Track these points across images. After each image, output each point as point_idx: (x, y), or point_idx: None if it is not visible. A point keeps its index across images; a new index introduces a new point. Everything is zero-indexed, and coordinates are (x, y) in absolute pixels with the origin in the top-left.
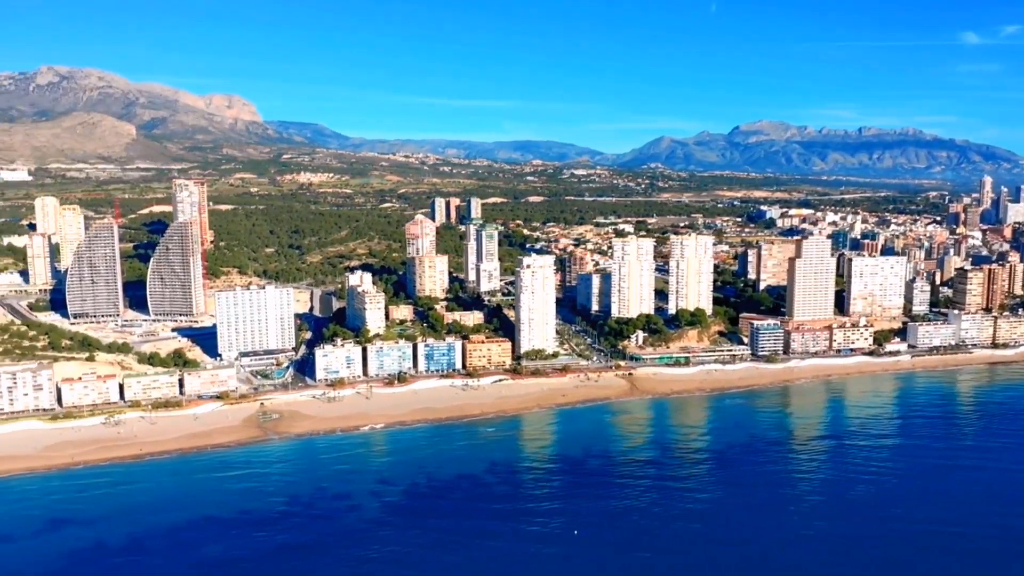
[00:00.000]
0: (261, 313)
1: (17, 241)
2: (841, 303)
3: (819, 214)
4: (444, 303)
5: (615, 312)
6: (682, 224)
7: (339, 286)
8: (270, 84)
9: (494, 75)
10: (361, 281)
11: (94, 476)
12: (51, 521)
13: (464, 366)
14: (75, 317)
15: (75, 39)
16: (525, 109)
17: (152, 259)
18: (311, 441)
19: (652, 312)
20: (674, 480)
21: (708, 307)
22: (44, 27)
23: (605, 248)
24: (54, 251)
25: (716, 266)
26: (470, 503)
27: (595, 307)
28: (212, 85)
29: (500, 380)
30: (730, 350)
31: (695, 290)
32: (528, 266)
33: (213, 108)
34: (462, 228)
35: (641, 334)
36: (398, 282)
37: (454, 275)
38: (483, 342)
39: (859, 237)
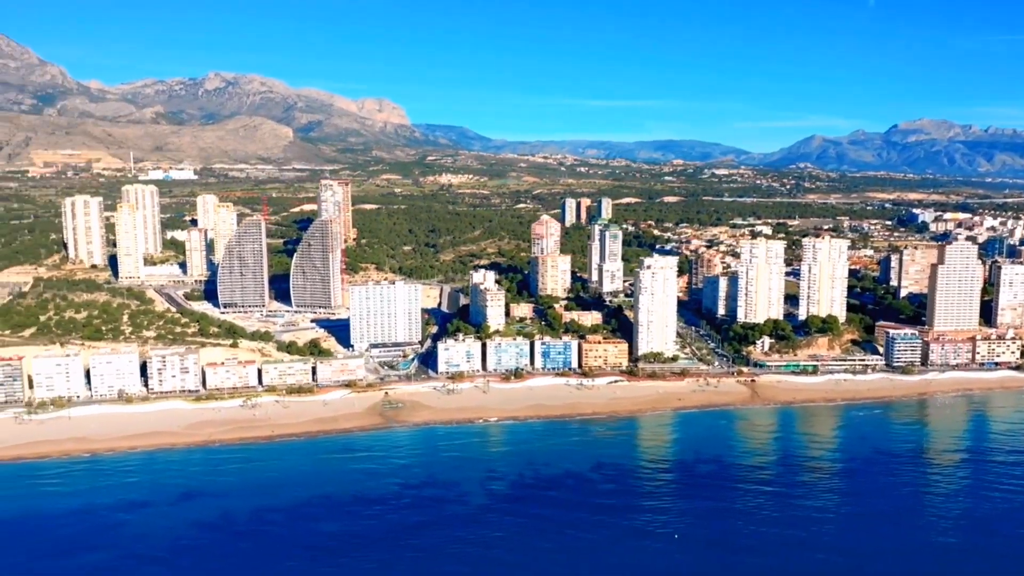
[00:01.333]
0: (391, 307)
1: (180, 235)
2: (989, 314)
3: (976, 218)
4: (564, 302)
5: (741, 316)
6: (825, 227)
7: (467, 283)
8: (419, 88)
9: (637, 75)
10: (484, 279)
11: (228, 454)
12: (186, 493)
13: (580, 365)
14: (224, 307)
15: (241, 47)
16: (668, 108)
17: (295, 254)
18: (428, 430)
19: (780, 318)
20: (787, 488)
21: (841, 314)
22: (213, 36)
23: (738, 250)
24: (210, 245)
25: (856, 271)
26: (574, 498)
27: (721, 311)
28: (365, 90)
29: (615, 381)
30: (862, 359)
31: (827, 296)
32: (648, 267)
33: (365, 112)
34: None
35: (767, 340)
36: (522, 281)
37: (578, 275)
38: (600, 342)
39: (1018, 244)
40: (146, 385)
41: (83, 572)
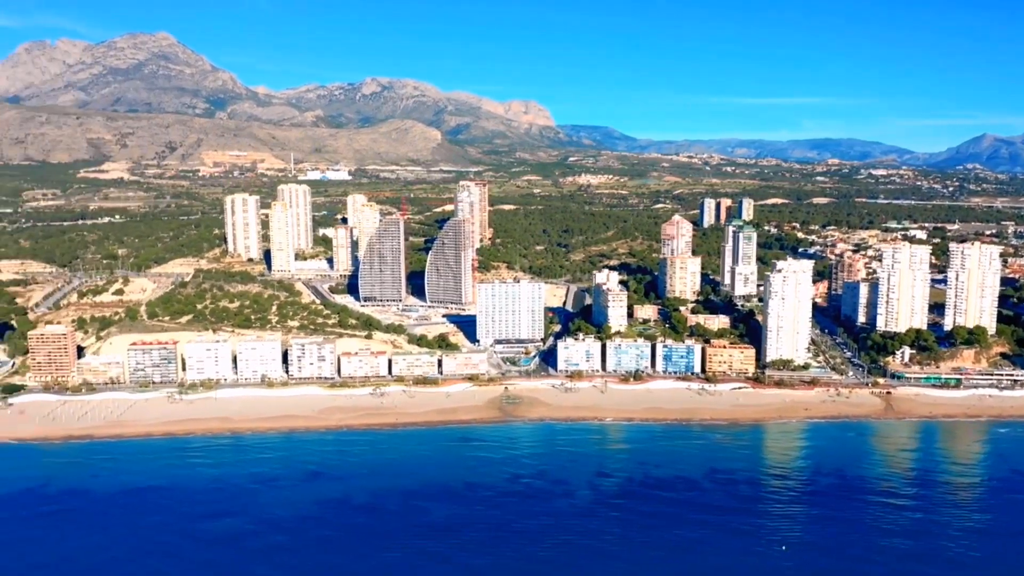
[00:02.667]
0: (515, 305)
1: (330, 233)
2: None
3: None
4: (691, 305)
5: (880, 325)
6: (988, 232)
7: (593, 283)
8: (565, 90)
9: (791, 71)
10: (608, 279)
11: (355, 438)
12: (312, 472)
13: (703, 370)
14: (364, 300)
15: (396, 53)
16: (825, 105)
17: (431, 252)
18: (544, 426)
19: (924, 327)
20: (912, 502)
21: (991, 325)
22: (371, 43)
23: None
24: (355, 242)
25: (1013, 280)
26: (682, 501)
27: (860, 318)
28: (512, 92)
29: (739, 388)
30: (1011, 374)
31: (976, 305)
32: (780, 270)
33: (511, 114)
34: None
35: (908, 350)
36: (651, 282)
37: (711, 278)
38: (725, 347)
39: None
40: (287, 371)
41: (220, 533)
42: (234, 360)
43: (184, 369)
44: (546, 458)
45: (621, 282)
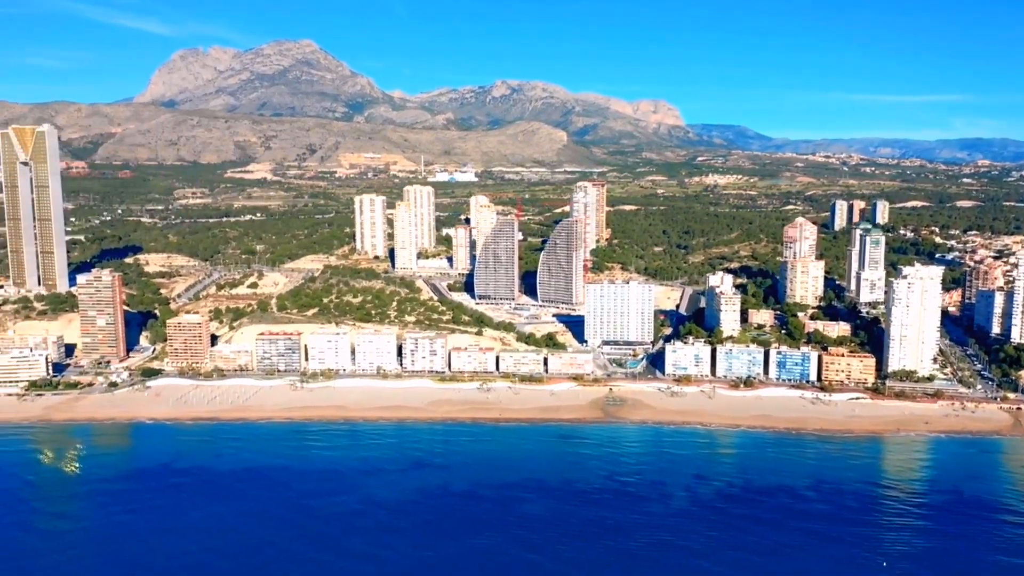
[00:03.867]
0: (624, 306)
1: (452, 233)
2: None
3: None
4: (811, 311)
5: (1015, 337)
6: None
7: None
8: (696, 88)
9: (940, 67)
10: (722, 281)
11: (459, 430)
12: (417, 461)
13: (819, 378)
14: (479, 298)
15: (526, 55)
16: (977, 103)
17: (543, 252)
18: (646, 429)
19: None
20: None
21: None
22: (501, 45)
23: None
24: (474, 242)
25: None
26: (781, 511)
27: (995, 329)
28: (641, 92)
29: (856, 398)
30: None
31: None
32: (905, 276)
33: (640, 114)
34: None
35: None
36: (771, 286)
37: (837, 283)
38: (843, 355)
39: None
40: (400, 364)
41: (328, 511)
42: (352, 352)
43: (307, 359)
44: (645, 460)
45: (739, 286)
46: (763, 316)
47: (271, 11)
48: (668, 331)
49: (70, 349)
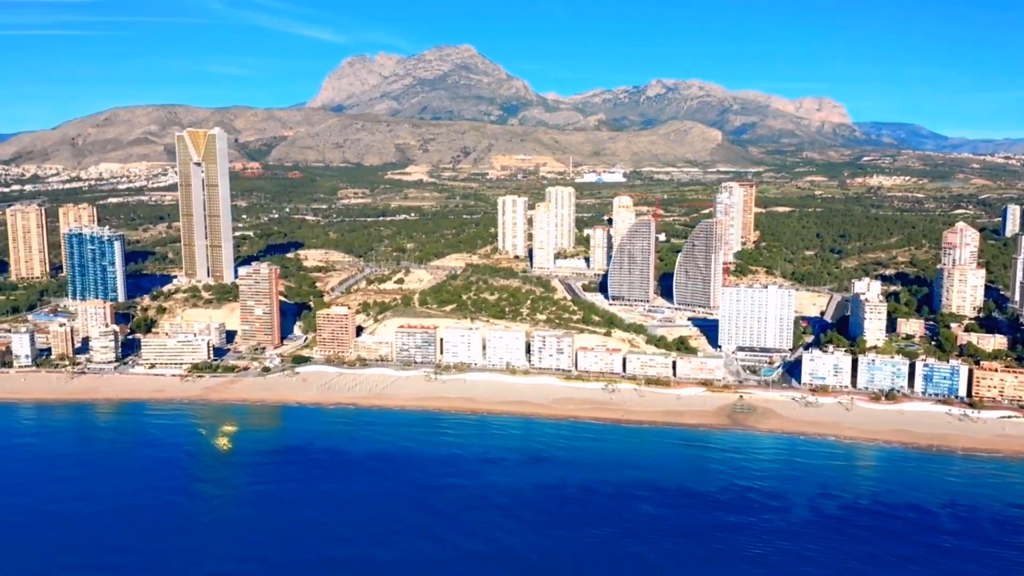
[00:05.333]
0: (761, 311)
1: (592, 233)
2: None
3: None
4: (967, 322)
5: None
6: None
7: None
8: (863, 85)
9: None
10: (868, 288)
11: (580, 429)
12: (536, 455)
13: (968, 394)
14: (613, 299)
15: (682, 54)
16: None
17: (680, 253)
18: (772, 439)
19: None
20: None
21: None
22: (656, 45)
23: None
24: (612, 243)
25: None
26: (907, 530)
27: None
28: (804, 89)
29: (1008, 416)
30: None
31: None
32: None
33: (802, 112)
34: None
35: None
36: (927, 295)
37: (1001, 293)
38: (996, 370)
39: None
40: (529, 361)
41: (454, 493)
42: (484, 347)
43: (441, 352)
44: (768, 469)
45: (891, 294)
46: (912, 326)
47: (434, 18)
48: (809, 339)
49: (231, 335)
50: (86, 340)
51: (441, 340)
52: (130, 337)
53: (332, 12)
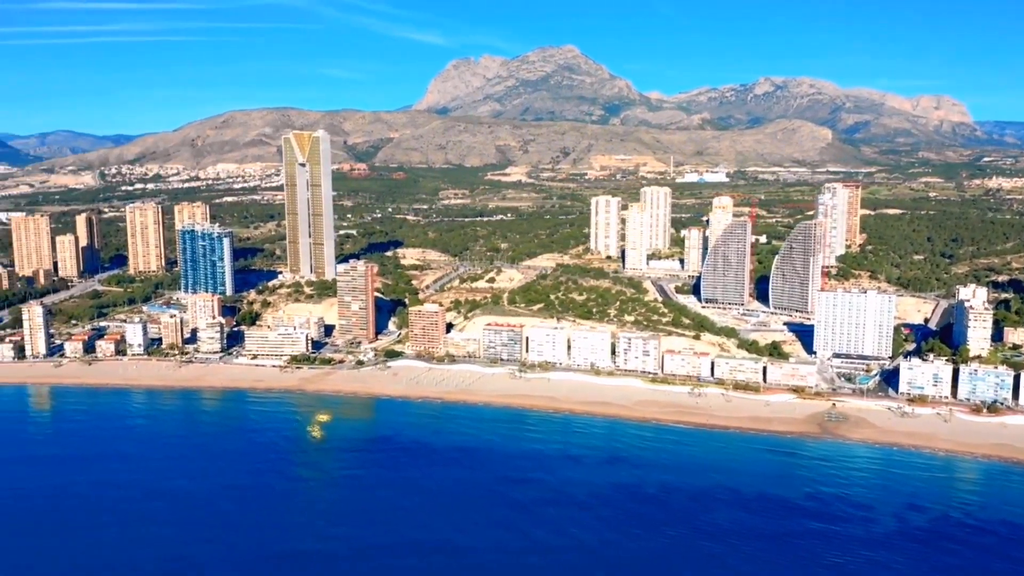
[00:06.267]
0: (859, 317)
1: (687, 234)
2: None
3: None
4: None
5: None
6: None
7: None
8: (986, 83)
9: None
10: (973, 295)
11: (662, 431)
12: (615, 456)
13: None
14: (706, 302)
15: (791, 51)
16: None
17: (777, 256)
18: (862, 449)
19: None
20: None
21: None
22: (764, 42)
23: None
24: (707, 244)
25: None
26: (999, 548)
27: None
28: (923, 87)
29: None
30: None
31: None
32: None
33: (919, 110)
34: None
35: None
36: None
37: None
38: None
39: None
40: (614, 362)
41: (532, 488)
42: (568, 346)
43: (527, 350)
44: (855, 479)
45: (1001, 301)
46: (1021, 335)
47: (538, 19)
48: (911, 347)
49: (329, 329)
50: (195, 331)
51: (527, 338)
52: (235, 329)
53: (439, 15)
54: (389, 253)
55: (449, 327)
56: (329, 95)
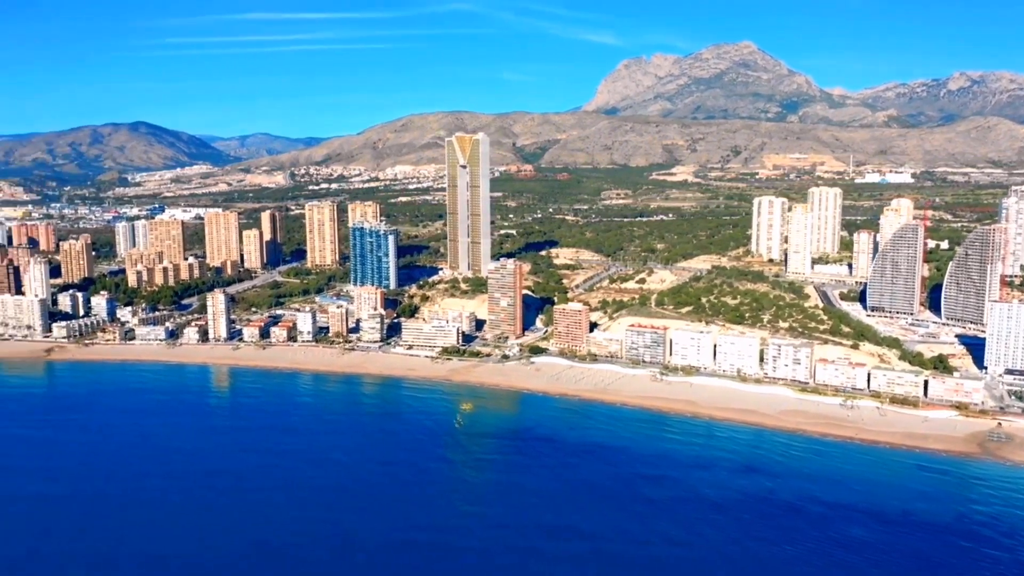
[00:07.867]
0: None
1: (856, 238)
2: None
3: None
4: None
5: None
6: None
7: None
8: None
9: None
10: None
11: (805, 442)
12: (750, 466)
13: None
14: (871, 310)
15: (990, 43)
16: None
17: (951, 263)
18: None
19: None
20: None
21: None
22: (960, 34)
23: None
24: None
25: None
26: None
27: None
28: None
29: None
30: None
31: None
32: None
33: None
34: None
35: None
36: None
37: None
38: None
39: None
40: (762, 369)
41: (657, 492)
42: (714, 351)
43: (670, 353)
44: (1013, 502)
45: None
46: None
47: (713, 16)
48: None
49: (480, 324)
50: (358, 321)
51: (670, 341)
52: (395, 321)
53: (613, 15)
54: (544, 252)
55: (593, 326)
56: (502, 98)
